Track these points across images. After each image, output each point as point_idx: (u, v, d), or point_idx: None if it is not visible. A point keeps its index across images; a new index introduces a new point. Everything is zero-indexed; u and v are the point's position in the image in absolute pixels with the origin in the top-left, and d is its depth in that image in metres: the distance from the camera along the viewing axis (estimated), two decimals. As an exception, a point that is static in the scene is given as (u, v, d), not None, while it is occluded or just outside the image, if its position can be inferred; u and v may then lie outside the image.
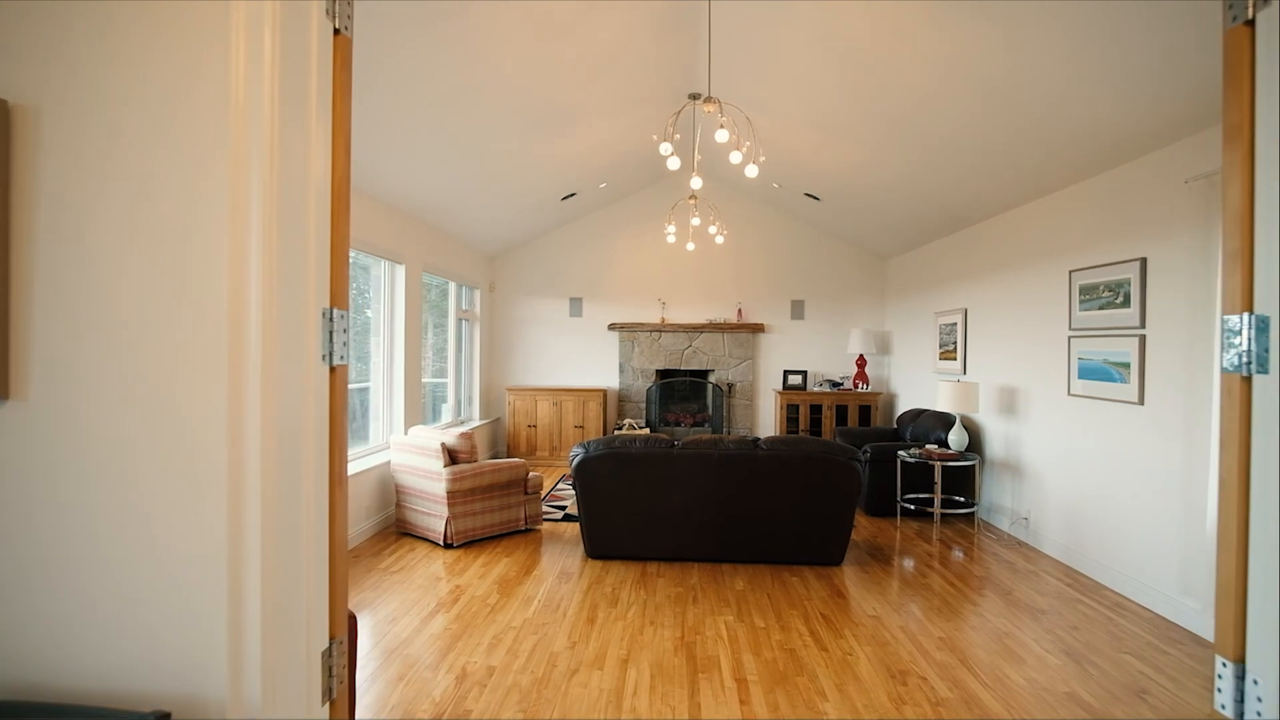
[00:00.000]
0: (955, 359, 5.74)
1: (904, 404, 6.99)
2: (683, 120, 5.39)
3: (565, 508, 5.44)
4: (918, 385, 6.66)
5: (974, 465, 5.08)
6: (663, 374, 7.76)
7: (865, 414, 7.16)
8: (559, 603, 3.43)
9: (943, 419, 5.33)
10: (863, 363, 7.30)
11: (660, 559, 4.11)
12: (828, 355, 7.62)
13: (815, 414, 7.20)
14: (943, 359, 5.99)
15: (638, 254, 7.72)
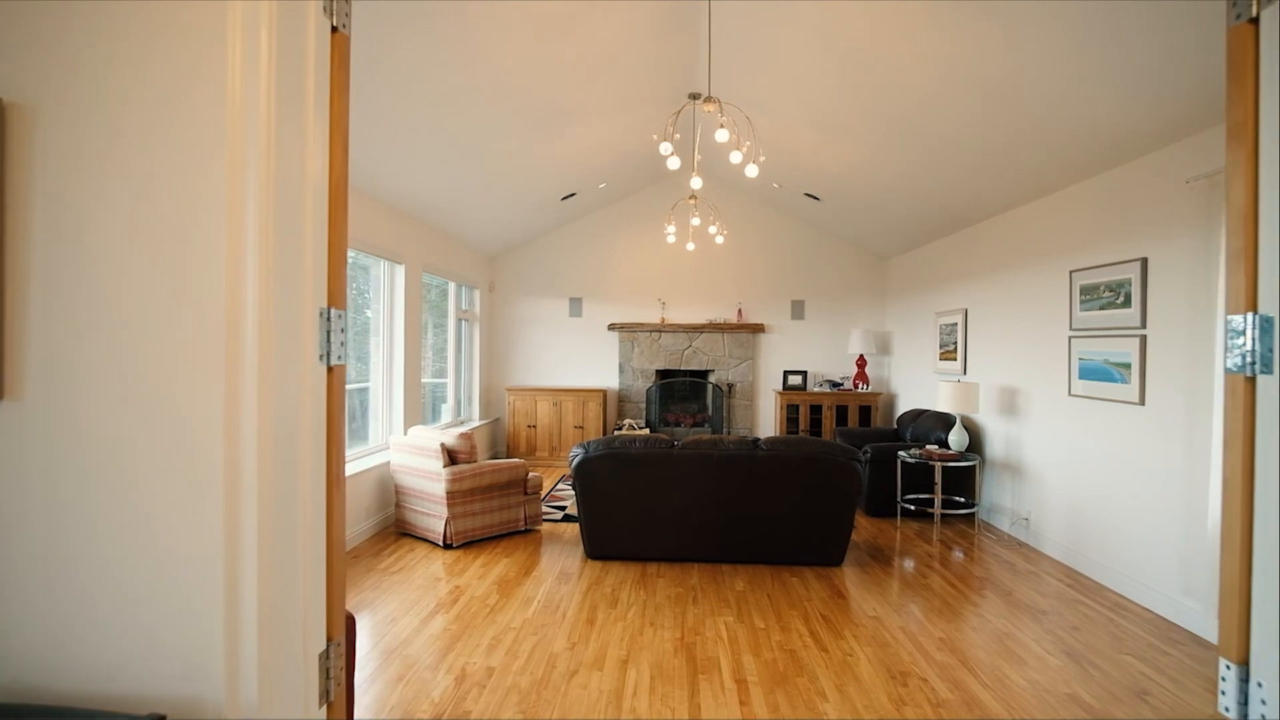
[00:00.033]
0: (955, 359, 5.73)
1: (904, 404, 6.99)
2: (683, 120, 5.38)
3: (565, 508, 5.43)
4: (918, 385, 6.66)
5: (974, 466, 5.08)
6: (663, 374, 7.75)
7: (865, 414, 7.15)
8: (559, 603, 3.42)
9: (943, 419, 5.33)
10: (863, 363, 7.29)
11: (660, 559, 4.11)
12: (828, 355, 7.61)
13: (815, 414, 7.19)
14: (943, 359, 5.99)
15: (637, 254, 7.72)
